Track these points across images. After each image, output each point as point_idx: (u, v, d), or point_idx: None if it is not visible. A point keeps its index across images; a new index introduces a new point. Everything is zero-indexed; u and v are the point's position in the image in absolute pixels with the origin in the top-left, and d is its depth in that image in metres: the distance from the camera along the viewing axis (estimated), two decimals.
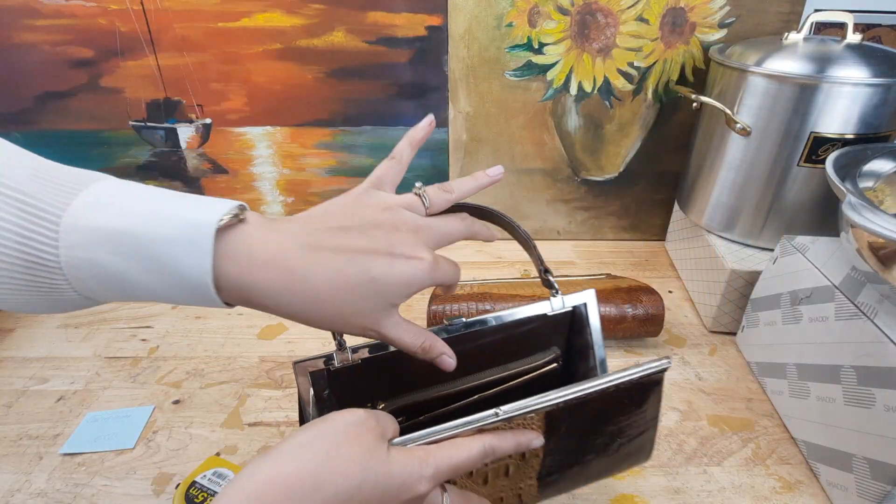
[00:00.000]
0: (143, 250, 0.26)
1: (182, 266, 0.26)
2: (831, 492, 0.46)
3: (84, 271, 0.26)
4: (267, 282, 0.27)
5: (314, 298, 0.28)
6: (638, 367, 0.34)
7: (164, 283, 0.26)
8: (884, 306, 0.43)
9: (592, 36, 0.72)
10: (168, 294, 0.27)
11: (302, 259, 0.28)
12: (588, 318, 0.40)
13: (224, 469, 0.46)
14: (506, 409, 0.31)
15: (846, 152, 0.52)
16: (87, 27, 0.70)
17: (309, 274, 0.28)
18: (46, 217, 0.25)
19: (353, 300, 0.29)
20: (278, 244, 0.28)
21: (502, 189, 0.84)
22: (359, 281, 0.29)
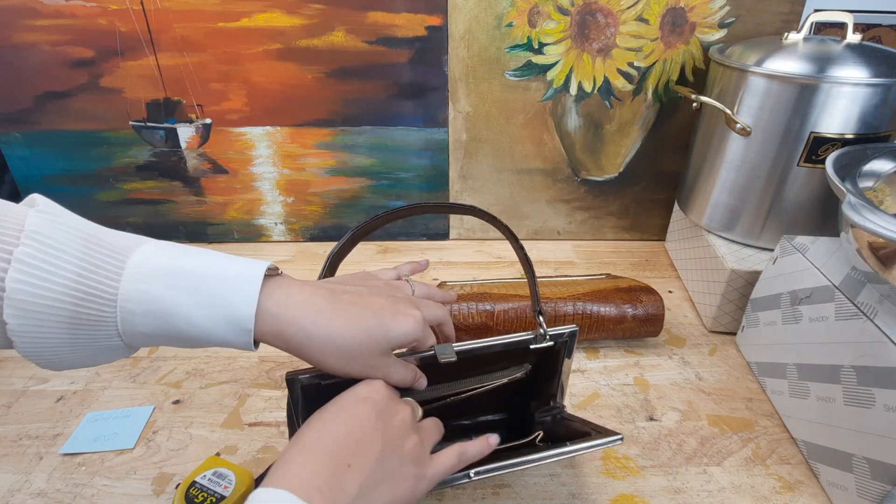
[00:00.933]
0: (199, 285, 0.31)
1: (232, 300, 0.31)
2: (831, 492, 0.46)
3: (136, 304, 0.30)
4: (297, 317, 0.33)
5: (333, 336, 0.34)
6: (595, 442, 0.39)
7: (209, 315, 0.31)
8: (884, 306, 0.43)
9: (592, 36, 0.72)
10: (206, 325, 0.31)
11: (327, 303, 0.35)
12: (565, 349, 0.45)
13: (224, 469, 0.46)
14: (477, 471, 0.37)
15: (846, 152, 0.52)
16: (87, 27, 0.70)
17: (332, 315, 0.34)
18: (116, 254, 0.30)
19: (365, 341, 0.35)
20: (309, 292, 0.35)
21: (502, 189, 0.84)
22: (370, 325, 0.35)
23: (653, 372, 0.61)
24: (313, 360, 0.35)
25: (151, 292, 0.30)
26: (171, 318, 0.30)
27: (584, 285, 0.64)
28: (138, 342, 0.32)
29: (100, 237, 0.30)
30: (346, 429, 0.32)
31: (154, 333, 0.31)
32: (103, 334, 0.30)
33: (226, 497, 0.43)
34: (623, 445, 0.52)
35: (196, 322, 0.31)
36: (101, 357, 0.32)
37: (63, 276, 0.28)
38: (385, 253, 0.84)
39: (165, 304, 0.30)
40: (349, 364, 0.35)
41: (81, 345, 0.30)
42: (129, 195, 0.82)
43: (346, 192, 0.84)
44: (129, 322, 0.30)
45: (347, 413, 0.33)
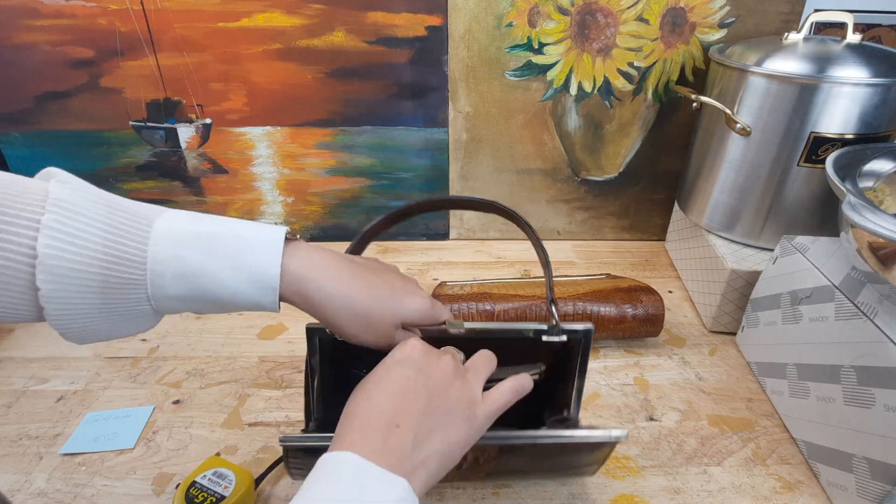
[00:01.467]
0: (226, 248, 0.32)
1: (257, 260, 0.32)
2: (831, 492, 0.46)
3: (165, 266, 0.31)
4: (319, 279, 0.34)
5: (351, 298, 0.35)
6: (597, 432, 0.38)
7: (236, 275, 0.32)
8: (884, 306, 0.43)
9: (592, 36, 0.72)
10: (233, 285, 0.32)
11: (346, 269, 0.36)
12: (580, 351, 0.43)
13: (224, 469, 0.46)
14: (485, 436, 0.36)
15: (846, 152, 0.52)
16: (87, 27, 0.70)
17: (351, 279, 0.36)
18: (140, 220, 0.31)
19: (379, 308, 0.36)
20: (329, 257, 0.36)
21: (502, 189, 0.84)
22: (385, 295, 0.37)
23: (653, 372, 0.61)
24: (330, 321, 0.36)
25: (179, 255, 0.31)
26: (200, 280, 0.31)
27: (584, 285, 0.64)
28: (166, 306, 0.32)
29: (122, 205, 0.32)
30: (390, 392, 0.33)
31: (183, 296, 0.32)
32: (133, 298, 0.31)
33: (226, 497, 0.43)
34: (623, 445, 0.52)
35: (224, 282, 0.32)
36: (129, 325, 0.32)
37: (92, 241, 0.29)
38: (385, 253, 0.84)
39: (194, 266, 0.31)
40: (362, 330, 0.37)
41: (110, 310, 0.31)
42: (129, 195, 0.81)
43: (346, 192, 0.84)
44: (159, 285, 0.31)
45: (388, 377, 0.34)
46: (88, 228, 0.29)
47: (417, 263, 0.81)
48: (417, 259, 0.83)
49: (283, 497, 0.47)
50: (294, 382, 0.59)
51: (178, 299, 0.32)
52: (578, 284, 0.64)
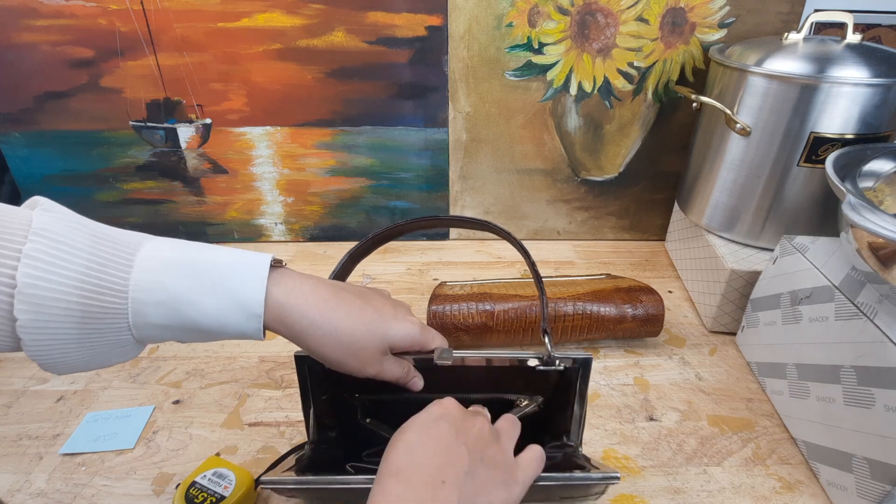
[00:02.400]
0: (210, 275, 0.32)
1: (241, 287, 0.32)
2: (831, 492, 0.46)
3: (147, 294, 0.30)
4: (302, 306, 0.34)
5: (335, 325, 0.35)
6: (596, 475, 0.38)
7: (219, 302, 0.32)
8: (884, 306, 0.43)
9: (592, 36, 0.72)
10: (216, 313, 0.32)
11: (331, 295, 0.36)
12: (578, 381, 0.42)
13: (224, 469, 0.46)
14: None
15: (846, 152, 0.52)
16: (87, 27, 0.70)
17: (336, 306, 0.36)
18: (124, 248, 0.31)
19: (365, 335, 0.36)
20: (314, 284, 0.36)
21: (502, 189, 0.84)
22: (371, 319, 0.37)
23: (653, 372, 0.61)
24: (313, 349, 0.36)
25: (162, 282, 0.31)
26: (183, 308, 0.31)
27: (584, 285, 0.64)
28: (148, 335, 0.32)
29: (106, 233, 0.31)
30: (433, 448, 0.32)
31: (165, 325, 0.31)
32: (113, 328, 0.30)
33: (226, 497, 0.43)
34: (623, 445, 0.52)
35: (207, 310, 0.31)
36: (108, 356, 0.32)
37: (73, 270, 0.28)
38: (385, 253, 0.84)
39: (176, 293, 0.31)
40: (346, 357, 0.36)
41: (90, 341, 0.30)
42: (129, 195, 0.82)
43: (346, 192, 0.84)
44: (141, 313, 0.31)
45: (427, 433, 0.33)
46: (69, 257, 0.29)
47: (417, 263, 0.82)
48: (417, 259, 0.83)
49: (283, 497, 0.47)
50: (294, 383, 0.59)
51: (161, 328, 0.31)
52: (578, 284, 0.64)
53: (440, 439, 0.32)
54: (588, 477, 0.38)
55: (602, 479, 0.37)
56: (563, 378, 0.43)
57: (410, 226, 0.48)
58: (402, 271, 0.79)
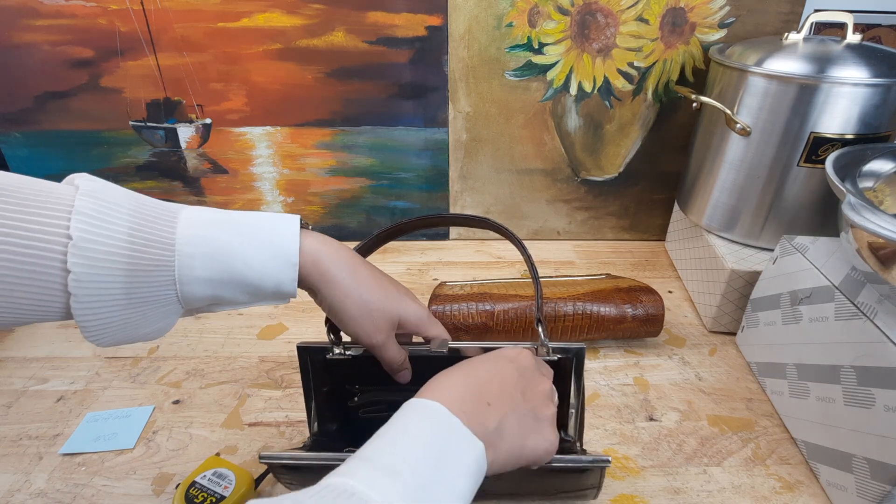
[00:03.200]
0: (249, 229, 0.35)
1: (279, 238, 0.35)
2: (831, 492, 0.46)
3: (194, 246, 0.33)
4: (334, 257, 0.38)
5: (360, 283, 0.38)
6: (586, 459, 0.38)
7: (260, 253, 0.34)
8: (884, 306, 0.43)
9: (592, 36, 0.72)
10: (258, 263, 0.34)
11: (358, 259, 0.40)
12: (572, 369, 0.43)
13: (224, 469, 0.46)
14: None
15: (846, 152, 0.52)
16: (87, 27, 0.70)
17: (361, 268, 0.39)
18: (167, 209, 0.34)
19: (382, 300, 0.39)
20: (341, 245, 0.40)
21: (502, 189, 0.84)
22: (389, 290, 0.40)
23: (653, 372, 0.61)
24: (338, 300, 0.38)
25: (206, 235, 0.33)
26: (227, 259, 0.33)
27: (584, 285, 0.64)
28: (191, 292, 0.33)
29: (145, 199, 0.34)
30: (490, 375, 0.34)
31: (209, 277, 0.33)
32: (160, 282, 0.32)
33: (226, 497, 0.43)
34: (623, 445, 0.52)
35: (250, 260, 0.34)
36: (149, 318, 0.33)
37: (121, 225, 0.31)
38: (385, 253, 0.84)
39: (221, 246, 0.33)
40: (363, 316, 0.38)
41: (136, 297, 0.32)
42: None
43: (346, 192, 0.84)
44: (187, 266, 0.33)
45: (494, 365, 0.35)
46: (119, 214, 0.31)
47: (417, 263, 0.82)
48: (417, 259, 0.83)
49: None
50: (294, 382, 0.59)
51: (204, 281, 0.33)
52: (578, 284, 0.64)
53: (503, 373, 0.34)
54: (577, 460, 0.37)
55: (592, 463, 0.37)
56: (558, 369, 0.43)
57: (411, 225, 0.49)
58: (402, 271, 0.79)
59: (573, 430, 0.44)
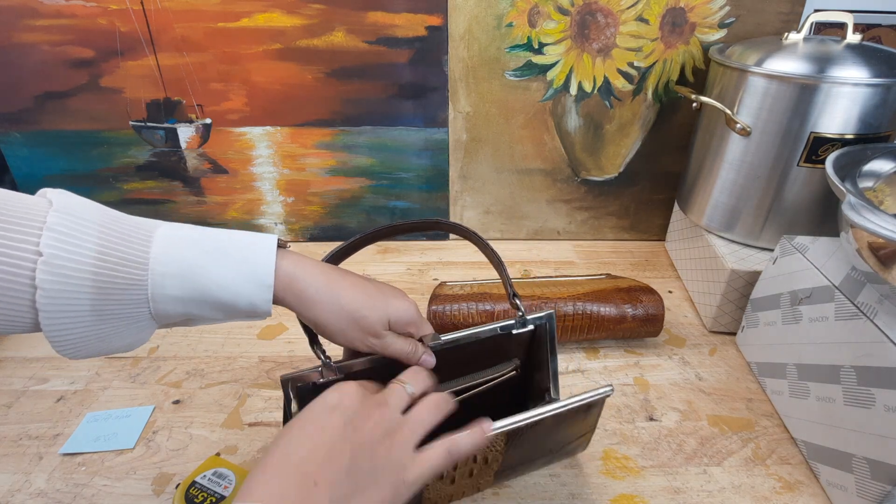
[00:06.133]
0: (224, 249, 0.34)
1: (253, 258, 0.35)
2: (831, 492, 0.46)
3: (167, 266, 0.32)
4: (308, 277, 0.37)
5: (339, 296, 0.38)
6: (586, 394, 0.40)
7: (234, 274, 0.34)
8: (884, 306, 0.43)
9: (592, 36, 0.72)
10: (231, 285, 0.34)
11: (335, 272, 0.39)
12: (547, 336, 0.46)
13: (224, 469, 0.46)
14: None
15: (846, 152, 0.52)
16: (87, 27, 0.70)
17: (340, 279, 0.38)
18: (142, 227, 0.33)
19: (366, 305, 0.38)
20: (317, 262, 0.39)
21: (502, 189, 0.84)
22: (373, 293, 0.39)
23: (653, 372, 0.61)
24: (319, 317, 0.37)
25: (181, 255, 0.33)
26: (199, 279, 0.33)
27: (584, 285, 0.64)
28: (164, 310, 0.33)
29: (121, 216, 0.33)
30: (312, 443, 0.30)
31: (181, 296, 0.33)
32: (132, 300, 0.32)
33: (226, 497, 0.43)
34: (623, 445, 0.52)
35: (221, 281, 0.33)
36: (122, 335, 0.33)
37: (95, 243, 0.30)
38: (385, 253, 0.84)
39: (194, 266, 0.33)
40: (350, 326, 0.38)
41: (108, 314, 0.31)
42: (128, 195, 0.82)
43: (346, 192, 0.84)
44: (160, 284, 0.32)
45: (313, 425, 0.32)
46: (92, 231, 0.30)
47: (417, 263, 0.82)
48: (417, 259, 0.83)
49: None
50: None
51: (177, 300, 0.33)
52: (578, 284, 0.64)
53: (325, 432, 0.31)
54: (582, 397, 0.39)
55: (596, 394, 0.39)
56: (535, 337, 0.46)
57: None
58: (402, 271, 0.79)
59: (555, 391, 0.47)
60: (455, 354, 0.43)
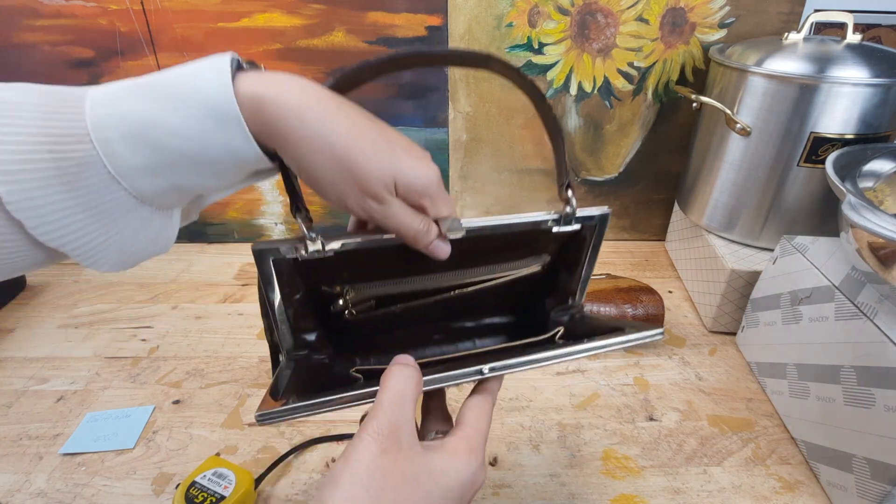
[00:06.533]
0: (167, 90, 0.26)
1: (203, 87, 0.26)
2: (831, 492, 0.46)
3: (110, 129, 0.26)
4: (286, 98, 0.27)
5: (331, 132, 0.28)
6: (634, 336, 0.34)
7: (187, 116, 0.26)
8: (884, 306, 0.43)
9: (592, 36, 0.72)
10: (189, 128, 0.26)
11: (328, 97, 0.29)
12: (592, 240, 0.38)
13: (224, 469, 0.46)
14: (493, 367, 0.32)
15: (846, 152, 0.52)
16: (87, 27, 0.70)
17: (336, 109, 0.29)
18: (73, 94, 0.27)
19: (367, 154, 0.29)
20: (305, 81, 0.29)
21: (502, 189, 0.84)
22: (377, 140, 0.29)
23: (653, 372, 0.61)
24: (300, 157, 0.28)
25: (121, 112, 0.26)
26: (152, 134, 0.26)
27: None
28: (140, 184, 0.27)
29: (53, 89, 0.27)
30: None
31: (146, 164, 0.27)
32: (99, 183, 0.26)
33: (226, 497, 0.43)
34: (623, 445, 0.52)
35: (179, 129, 0.26)
36: (122, 229, 0.28)
37: (29, 127, 0.25)
38: None
39: (137, 120, 0.26)
40: (341, 175, 0.29)
41: (89, 207, 0.26)
42: None
43: None
44: (113, 154, 0.26)
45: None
46: (22, 114, 0.25)
47: None
48: None
49: (283, 497, 0.47)
50: None
51: (144, 170, 0.27)
52: None
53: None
54: (629, 339, 0.33)
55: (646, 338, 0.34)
56: (578, 237, 0.38)
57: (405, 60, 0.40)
58: None
59: (580, 296, 0.41)
60: (474, 244, 0.35)
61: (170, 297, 0.73)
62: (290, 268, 0.33)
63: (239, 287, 0.76)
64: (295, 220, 0.32)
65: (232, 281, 0.77)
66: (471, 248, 0.35)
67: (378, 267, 0.35)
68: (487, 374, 0.32)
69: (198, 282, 0.76)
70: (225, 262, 0.82)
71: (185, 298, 0.73)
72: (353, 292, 0.36)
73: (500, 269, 0.38)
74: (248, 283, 0.77)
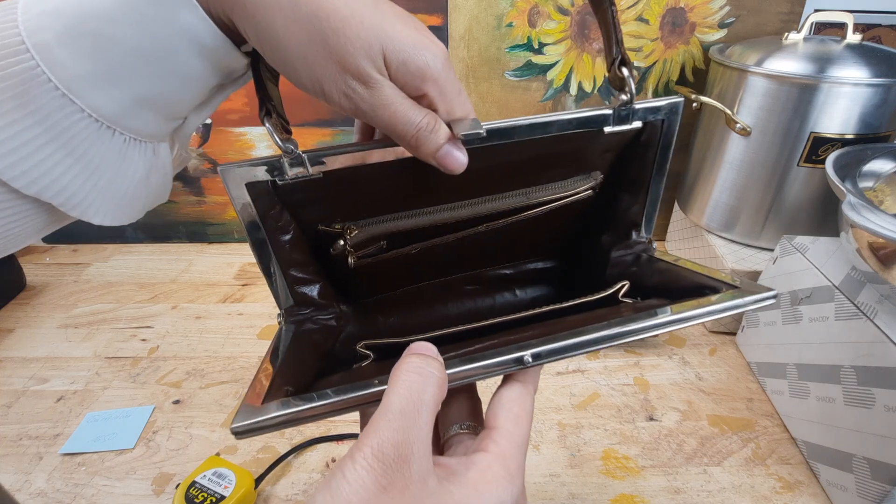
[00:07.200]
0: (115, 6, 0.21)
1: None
2: (831, 492, 0.46)
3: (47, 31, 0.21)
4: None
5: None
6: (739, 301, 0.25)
7: (145, 28, 0.21)
8: (884, 306, 0.43)
9: (592, 36, 0.72)
10: (132, 14, 0.21)
11: None
12: (659, 142, 0.28)
13: (224, 469, 0.46)
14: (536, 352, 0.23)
15: (846, 152, 0.52)
16: None
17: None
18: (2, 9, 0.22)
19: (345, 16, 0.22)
20: None
21: None
22: (370, 7, 0.23)
23: (653, 372, 0.61)
24: (257, 23, 0.22)
25: (52, 7, 0.21)
26: (88, 26, 0.21)
27: None
28: (95, 99, 0.22)
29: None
30: None
31: (94, 70, 0.22)
32: (49, 100, 0.22)
33: (226, 497, 0.43)
34: (623, 445, 0.52)
35: (114, 12, 0.21)
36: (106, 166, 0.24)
37: None
38: None
39: (71, 9, 0.21)
40: (312, 49, 0.22)
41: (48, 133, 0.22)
42: None
43: None
44: (54, 62, 0.21)
45: None
46: None
47: None
48: None
49: (283, 497, 0.47)
50: None
51: (94, 78, 0.22)
52: None
53: None
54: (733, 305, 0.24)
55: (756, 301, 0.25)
56: (639, 142, 0.29)
57: None
58: None
59: (648, 228, 0.32)
60: (502, 158, 0.27)
61: (170, 297, 0.73)
62: (271, 196, 0.26)
63: (239, 287, 0.76)
64: (263, 125, 0.25)
65: (232, 281, 0.77)
66: (498, 165, 0.27)
67: (384, 195, 0.27)
68: (531, 363, 0.23)
69: (198, 282, 0.76)
70: (225, 262, 0.82)
71: (185, 298, 0.73)
72: (356, 230, 0.28)
73: (538, 193, 0.29)
74: (248, 282, 0.77)
